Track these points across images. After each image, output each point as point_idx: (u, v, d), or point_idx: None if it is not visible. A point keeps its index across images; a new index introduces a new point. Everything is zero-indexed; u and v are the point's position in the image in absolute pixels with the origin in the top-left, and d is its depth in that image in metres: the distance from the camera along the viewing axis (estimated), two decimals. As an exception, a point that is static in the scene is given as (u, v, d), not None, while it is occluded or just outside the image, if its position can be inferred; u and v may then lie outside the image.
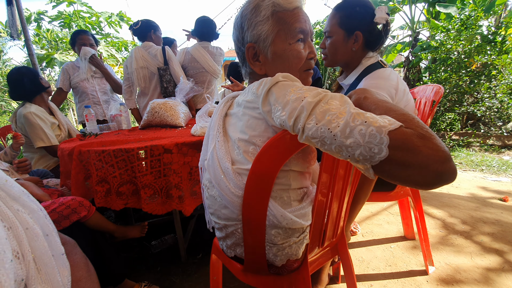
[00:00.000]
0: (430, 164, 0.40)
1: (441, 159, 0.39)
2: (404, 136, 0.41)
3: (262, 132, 0.63)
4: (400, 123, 0.43)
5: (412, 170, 0.41)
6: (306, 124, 0.50)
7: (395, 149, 0.41)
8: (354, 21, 1.07)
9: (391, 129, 0.42)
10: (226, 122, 0.74)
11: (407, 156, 0.41)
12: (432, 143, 0.40)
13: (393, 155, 0.42)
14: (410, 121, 0.44)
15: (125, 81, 2.38)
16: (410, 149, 0.41)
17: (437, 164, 0.39)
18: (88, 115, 1.85)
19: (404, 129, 0.42)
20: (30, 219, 0.46)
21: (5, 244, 0.38)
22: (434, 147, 0.40)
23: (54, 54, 4.53)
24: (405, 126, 0.43)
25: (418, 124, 0.43)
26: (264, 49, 0.70)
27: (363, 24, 1.07)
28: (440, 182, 0.41)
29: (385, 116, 0.46)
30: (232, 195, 0.66)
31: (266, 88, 0.59)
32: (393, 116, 0.47)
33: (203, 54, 2.39)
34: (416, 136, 0.41)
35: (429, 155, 0.40)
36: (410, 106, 1.11)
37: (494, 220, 1.81)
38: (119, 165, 1.23)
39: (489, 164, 3.10)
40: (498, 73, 3.93)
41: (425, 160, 0.40)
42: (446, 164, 0.39)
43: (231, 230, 0.72)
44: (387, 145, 0.41)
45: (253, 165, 0.60)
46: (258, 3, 0.69)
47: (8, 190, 0.46)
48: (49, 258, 0.47)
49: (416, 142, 0.41)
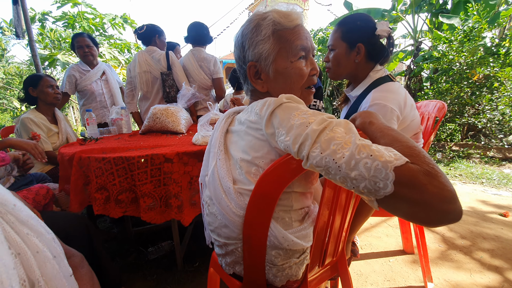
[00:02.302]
0: (436, 203, 0.39)
1: (447, 199, 0.39)
2: (410, 173, 0.41)
3: (265, 154, 0.62)
4: (406, 158, 0.43)
5: (417, 208, 0.41)
6: (310, 152, 0.49)
7: (400, 185, 0.41)
8: (356, 34, 1.10)
9: (397, 165, 0.41)
10: (227, 139, 0.74)
11: (412, 193, 0.40)
12: (438, 181, 0.40)
13: (399, 191, 0.41)
14: (416, 155, 0.44)
15: (128, 85, 2.37)
16: (416, 186, 0.40)
17: (443, 204, 0.39)
18: (89, 119, 1.85)
19: (410, 165, 0.42)
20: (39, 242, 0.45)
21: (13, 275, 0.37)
22: (440, 185, 0.39)
23: (57, 54, 4.54)
24: (411, 161, 0.43)
25: (424, 160, 0.43)
26: (265, 67, 0.69)
27: (365, 36, 1.09)
28: (445, 222, 0.40)
29: (391, 149, 0.45)
30: (234, 214, 0.65)
31: (269, 110, 0.58)
32: (399, 147, 0.46)
33: (192, 62, 2.35)
34: (423, 173, 0.41)
35: (435, 194, 0.39)
36: (416, 122, 1.12)
37: (494, 236, 1.80)
38: (119, 173, 1.22)
39: (489, 177, 3.09)
40: (500, 85, 3.93)
41: (431, 199, 0.39)
42: (452, 205, 0.39)
43: (231, 248, 0.72)
44: (392, 181, 0.41)
45: (256, 186, 0.60)
46: (259, 22, 0.68)
47: (17, 215, 0.45)
48: (60, 281, 0.47)
49: (422, 180, 0.40)
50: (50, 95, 2.02)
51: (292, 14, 0.68)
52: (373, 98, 1.02)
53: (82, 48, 2.41)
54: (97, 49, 2.55)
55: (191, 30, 2.38)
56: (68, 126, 2.20)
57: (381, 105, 0.99)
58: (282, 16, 0.67)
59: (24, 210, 0.47)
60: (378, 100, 1.00)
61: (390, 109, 0.99)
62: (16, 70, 9.27)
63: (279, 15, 0.67)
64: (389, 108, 0.99)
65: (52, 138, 2.05)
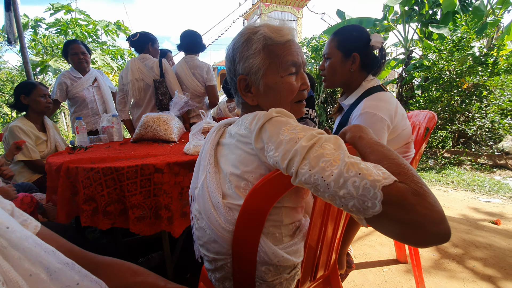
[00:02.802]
0: (424, 224, 0.39)
1: (436, 220, 0.39)
2: (398, 193, 0.40)
3: (255, 169, 0.61)
4: (395, 177, 0.42)
5: (406, 228, 0.40)
6: (299, 169, 0.49)
7: (389, 205, 0.41)
8: (351, 44, 1.13)
9: (385, 184, 0.41)
10: (218, 151, 0.73)
11: (401, 213, 0.40)
12: (427, 202, 0.39)
13: (387, 211, 0.41)
14: (405, 174, 0.43)
15: (120, 92, 2.35)
16: (405, 206, 0.40)
17: (432, 225, 0.39)
18: (79, 127, 1.82)
19: (399, 185, 0.41)
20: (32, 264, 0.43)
21: None
22: (429, 206, 0.39)
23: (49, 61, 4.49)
24: (399, 180, 0.42)
25: (413, 179, 0.42)
26: (255, 81, 0.69)
27: (360, 46, 1.12)
28: (434, 243, 0.40)
29: (380, 167, 0.45)
30: (223, 230, 0.63)
31: (259, 125, 0.58)
32: (388, 165, 0.46)
33: (185, 70, 2.34)
34: (411, 193, 0.40)
35: (424, 215, 0.39)
36: (407, 131, 1.13)
37: (487, 245, 1.81)
38: (108, 184, 1.19)
39: (480, 184, 3.13)
40: (489, 94, 4.02)
41: (419, 220, 0.39)
42: (441, 226, 0.39)
43: (220, 264, 0.70)
44: (380, 200, 0.41)
45: (245, 202, 0.58)
46: (250, 36, 0.68)
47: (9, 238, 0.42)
48: None
49: (411, 200, 0.40)
50: (42, 104, 1.99)
51: (283, 29, 0.68)
52: (364, 106, 1.04)
53: (77, 55, 2.39)
54: (90, 55, 2.54)
55: (184, 38, 2.38)
56: (57, 134, 2.17)
57: (371, 114, 1.01)
58: (273, 31, 0.67)
59: (19, 231, 0.45)
60: (369, 109, 1.02)
61: (380, 118, 1.00)
62: (8, 76, 9.14)
63: (270, 30, 0.67)
64: (379, 117, 1.00)
65: (40, 146, 2.02)
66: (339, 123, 1.19)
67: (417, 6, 5.75)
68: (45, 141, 2.05)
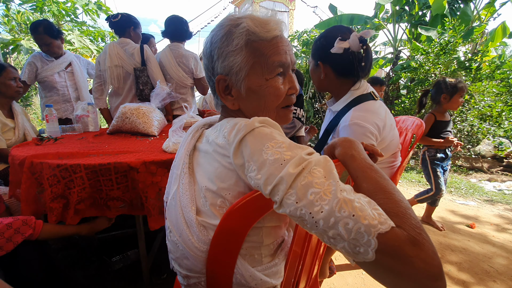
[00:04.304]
0: (420, 279, 0.34)
1: (434, 276, 0.34)
2: (395, 243, 0.36)
3: (233, 186, 0.54)
4: (392, 222, 0.38)
5: (399, 280, 0.36)
6: (285, 199, 0.43)
7: (383, 254, 0.36)
8: (318, 53, 1.11)
9: (381, 232, 0.36)
10: (194, 157, 0.65)
11: (396, 264, 0.36)
12: (426, 254, 0.35)
13: (381, 260, 0.36)
14: (402, 215, 0.39)
15: (96, 78, 2.18)
16: (401, 258, 0.35)
17: (428, 281, 0.34)
18: (49, 115, 1.67)
19: (396, 231, 0.37)
20: None
21: None
22: (427, 259, 0.35)
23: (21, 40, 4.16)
24: (396, 223, 0.38)
25: (411, 222, 0.38)
26: (236, 82, 0.59)
27: (324, 55, 1.08)
28: None
29: (374, 205, 0.40)
30: (196, 249, 0.57)
31: (239, 137, 0.50)
32: (383, 200, 0.42)
33: (170, 59, 2.21)
34: (409, 243, 0.36)
35: (421, 269, 0.34)
36: (395, 141, 1.12)
37: (462, 249, 1.86)
38: (77, 182, 1.10)
39: (457, 186, 3.23)
40: (470, 98, 4.12)
41: (416, 274, 0.35)
42: (438, 282, 0.34)
43: (193, 281, 0.64)
44: (374, 249, 0.36)
45: (222, 222, 0.52)
46: (230, 29, 0.57)
47: None
48: None
49: (408, 251, 0.35)
50: (11, 88, 1.82)
51: (269, 23, 0.58)
52: (352, 117, 1.01)
53: (41, 46, 2.21)
54: (61, 39, 2.32)
55: (170, 25, 2.24)
56: (26, 121, 2.00)
57: (359, 125, 0.98)
58: (258, 24, 0.57)
59: None
60: (357, 120, 0.99)
61: (369, 130, 0.98)
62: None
63: (254, 23, 0.57)
64: (368, 129, 0.98)
65: (7, 134, 1.85)
66: (325, 130, 1.14)
67: (407, 6, 5.77)
68: (12, 128, 1.89)
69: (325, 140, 1.15)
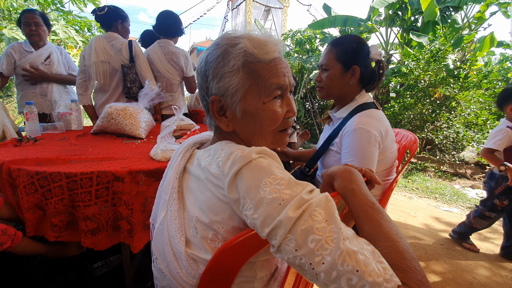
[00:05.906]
0: None
1: None
2: None
3: (226, 219, 0.50)
4: (398, 279, 0.35)
5: None
6: (283, 244, 0.40)
7: None
8: (351, 56, 1.08)
9: None
10: (184, 180, 0.60)
11: None
12: None
13: None
14: (408, 268, 0.37)
15: (81, 74, 2.07)
16: None
17: None
18: (29, 113, 1.57)
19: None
20: None
21: None
22: None
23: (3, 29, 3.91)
24: (402, 279, 0.36)
25: (417, 278, 0.36)
26: (232, 104, 0.56)
27: (360, 59, 1.08)
28: None
29: (379, 256, 0.38)
30: (184, 283, 0.53)
31: (234, 169, 0.46)
32: (387, 249, 0.40)
33: (160, 56, 2.13)
34: None
35: None
36: (393, 155, 1.12)
37: (446, 258, 1.89)
38: (56, 192, 1.03)
39: (442, 192, 3.30)
40: (457, 106, 4.22)
41: None
42: None
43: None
44: None
45: (214, 259, 0.48)
46: (227, 49, 0.55)
47: None
48: None
49: None
50: None
51: (268, 44, 0.55)
52: (358, 121, 1.01)
53: (29, 25, 2.07)
54: (49, 30, 2.21)
55: (161, 20, 2.16)
56: (5, 116, 1.87)
57: (365, 130, 0.98)
58: (256, 45, 0.54)
59: None
60: (363, 125, 0.99)
61: (373, 135, 0.98)
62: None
63: (252, 44, 0.54)
64: (373, 135, 0.98)
65: (-17, 130, 1.73)
66: (328, 136, 1.13)
67: (400, 11, 5.83)
68: None
69: (326, 147, 1.13)
